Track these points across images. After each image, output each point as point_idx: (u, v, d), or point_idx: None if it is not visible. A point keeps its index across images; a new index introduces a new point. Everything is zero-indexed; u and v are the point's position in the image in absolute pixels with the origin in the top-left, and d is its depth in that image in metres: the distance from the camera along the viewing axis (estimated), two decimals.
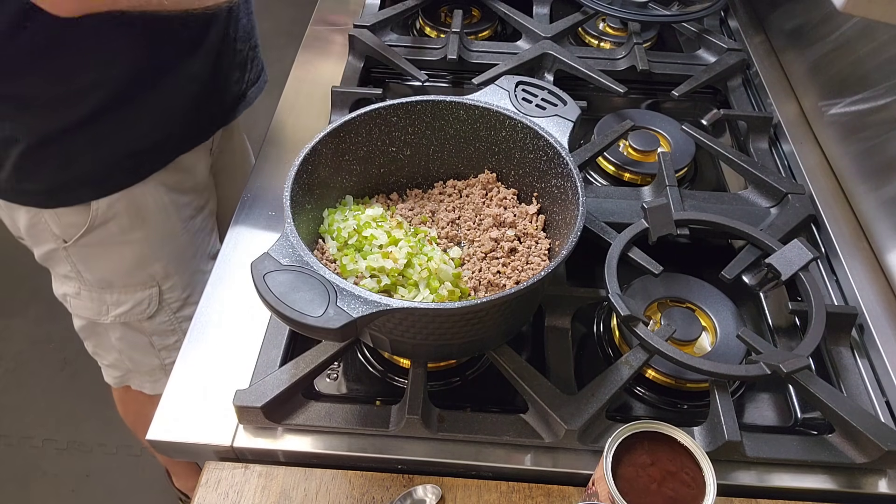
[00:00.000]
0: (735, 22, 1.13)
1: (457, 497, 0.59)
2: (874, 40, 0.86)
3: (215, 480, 0.60)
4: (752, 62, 1.03)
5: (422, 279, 0.62)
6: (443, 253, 0.66)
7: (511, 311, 0.59)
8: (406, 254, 0.62)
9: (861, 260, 0.76)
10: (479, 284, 0.64)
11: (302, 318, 0.49)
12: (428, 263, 0.62)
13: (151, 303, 0.97)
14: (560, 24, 1.04)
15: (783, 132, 0.92)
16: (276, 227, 0.77)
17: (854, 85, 0.88)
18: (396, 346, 0.61)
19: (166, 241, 0.94)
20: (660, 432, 0.51)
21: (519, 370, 0.62)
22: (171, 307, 1.00)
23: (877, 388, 0.66)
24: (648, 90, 1.01)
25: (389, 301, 0.51)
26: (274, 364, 0.64)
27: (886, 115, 0.81)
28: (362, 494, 0.59)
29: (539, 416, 0.61)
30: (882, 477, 0.60)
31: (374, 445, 0.61)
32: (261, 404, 0.59)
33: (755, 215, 0.79)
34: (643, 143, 0.88)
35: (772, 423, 0.65)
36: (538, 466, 0.60)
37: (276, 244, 0.55)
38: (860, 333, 0.71)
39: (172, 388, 0.64)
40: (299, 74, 1.00)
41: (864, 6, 0.65)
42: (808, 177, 0.85)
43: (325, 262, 0.63)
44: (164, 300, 0.98)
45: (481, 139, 0.72)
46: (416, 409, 0.59)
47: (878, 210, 0.78)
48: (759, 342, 0.63)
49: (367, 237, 0.64)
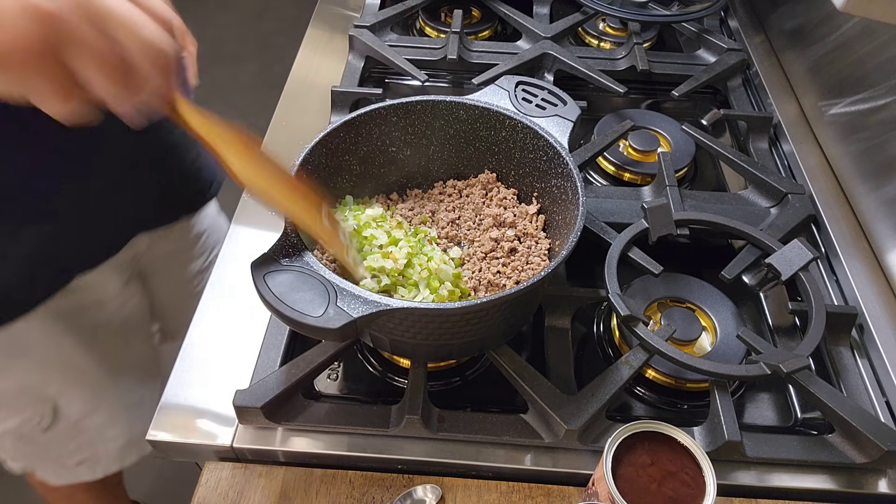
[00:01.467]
0: (735, 22, 1.13)
1: (457, 497, 0.59)
2: (874, 40, 0.86)
3: (215, 480, 0.60)
4: (752, 62, 1.03)
5: (422, 279, 0.62)
6: (443, 253, 0.66)
7: (511, 311, 0.59)
8: (406, 254, 0.62)
9: (861, 260, 0.76)
10: (479, 284, 0.64)
11: (302, 318, 0.49)
12: (428, 263, 0.62)
13: (44, 418, 0.85)
14: (560, 24, 1.04)
15: (783, 132, 0.92)
16: (276, 227, 0.76)
17: (854, 85, 0.88)
18: (396, 346, 0.61)
19: (58, 365, 0.82)
20: (660, 432, 0.51)
21: (519, 370, 0.62)
22: (70, 419, 0.87)
23: (877, 388, 0.66)
24: (648, 90, 1.01)
25: (389, 301, 0.51)
26: (274, 364, 0.64)
27: (886, 115, 0.81)
28: (362, 494, 0.59)
29: (539, 416, 0.61)
30: (882, 477, 0.60)
31: (374, 445, 0.61)
32: (261, 404, 0.59)
33: (755, 215, 0.79)
34: (643, 143, 0.88)
35: (772, 423, 0.65)
36: (538, 466, 0.60)
37: (276, 244, 0.55)
38: (860, 333, 0.71)
39: (172, 388, 0.64)
40: (299, 74, 1.00)
41: (864, 6, 0.65)
42: (808, 177, 0.85)
43: (325, 262, 0.63)
44: (62, 414, 0.86)
45: (481, 139, 0.72)
46: (416, 409, 0.59)
47: (878, 210, 0.78)
48: (759, 342, 0.63)
49: (367, 237, 0.64)
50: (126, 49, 0.41)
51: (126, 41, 0.41)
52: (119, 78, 0.41)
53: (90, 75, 0.40)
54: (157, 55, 0.42)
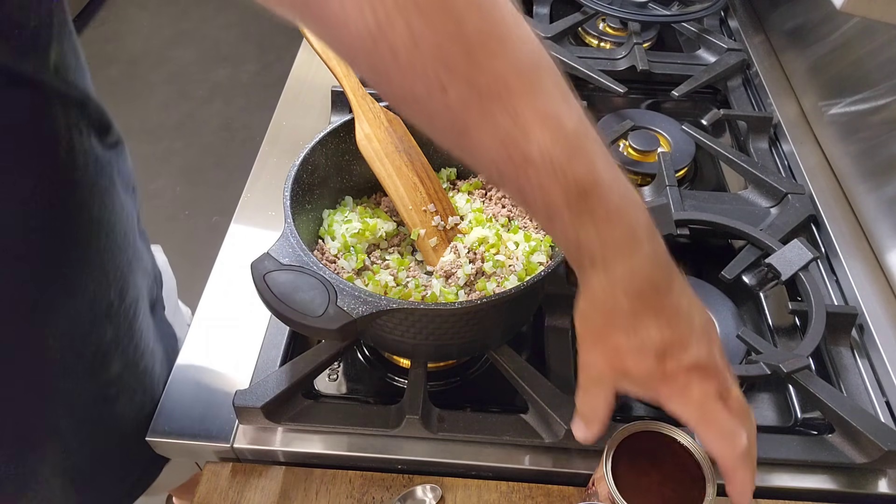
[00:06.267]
0: (735, 22, 1.13)
1: (457, 497, 0.59)
2: (874, 40, 0.86)
3: (215, 480, 0.60)
4: (752, 62, 1.03)
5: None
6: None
7: (511, 310, 0.59)
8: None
9: (861, 260, 0.76)
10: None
11: (302, 318, 0.49)
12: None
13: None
14: (560, 24, 1.04)
15: (783, 132, 0.92)
16: (276, 227, 0.76)
17: (854, 85, 0.88)
18: (396, 346, 0.61)
19: None
20: (660, 432, 0.51)
21: (519, 370, 0.62)
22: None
23: (877, 388, 0.66)
24: (648, 90, 1.01)
25: (389, 301, 0.51)
26: (274, 364, 0.64)
27: (886, 115, 0.81)
28: (362, 494, 0.59)
29: (539, 416, 0.61)
30: (882, 477, 0.60)
31: (374, 445, 0.61)
32: (261, 404, 0.59)
33: (755, 215, 0.79)
34: (643, 143, 0.88)
35: (772, 423, 0.65)
36: (538, 466, 0.60)
37: (276, 244, 0.55)
38: (860, 333, 0.71)
39: (172, 388, 0.64)
40: (299, 74, 1.00)
41: (864, 6, 0.65)
42: (808, 177, 0.85)
43: (325, 262, 0.63)
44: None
45: None
46: (416, 409, 0.59)
47: (878, 210, 0.78)
48: (759, 342, 0.63)
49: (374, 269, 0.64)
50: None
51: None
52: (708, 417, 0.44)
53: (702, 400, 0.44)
54: (743, 452, 0.44)
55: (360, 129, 0.66)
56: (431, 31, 0.36)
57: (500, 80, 0.37)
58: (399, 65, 0.37)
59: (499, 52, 0.37)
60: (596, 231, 0.40)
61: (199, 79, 2.65)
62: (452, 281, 0.62)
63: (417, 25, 0.36)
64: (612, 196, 0.40)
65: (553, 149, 0.38)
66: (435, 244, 0.64)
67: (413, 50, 0.36)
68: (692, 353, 0.43)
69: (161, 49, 2.78)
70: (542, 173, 0.38)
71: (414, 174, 0.66)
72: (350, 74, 0.69)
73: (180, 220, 2.15)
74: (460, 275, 0.61)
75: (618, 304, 0.42)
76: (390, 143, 0.66)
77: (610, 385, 0.46)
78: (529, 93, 0.38)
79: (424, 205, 0.65)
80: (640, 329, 0.42)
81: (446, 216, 0.66)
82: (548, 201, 0.39)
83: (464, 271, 0.61)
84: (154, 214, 2.12)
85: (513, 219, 0.69)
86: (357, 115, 0.67)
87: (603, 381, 0.46)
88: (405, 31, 0.36)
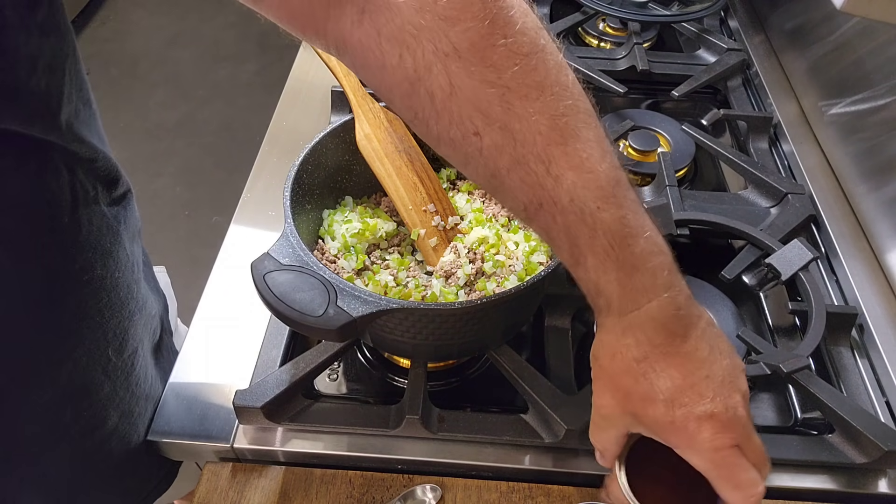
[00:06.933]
0: (735, 22, 1.13)
1: (457, 497, 0.59)
2: (874, 40, 0.86)
3: (215, 480, 0.60)
4: (752, 62, 1.03)
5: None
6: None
7: (511, 310, 0.59)
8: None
9: (861, 260, 0.76)
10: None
11: (302, 318, 0.49)
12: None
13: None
14: (560, 23, 1.04)
15: (783, 132, 0.92)
16: (276, 227, 0.76)
17: (854, 85, 0.88)
18: (396, 346, 0.61)
19: None
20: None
21: (519, 370, 0.62)
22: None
23: (877, 388, 0.66)
24: (648, 90, 1.01)
25: (389, 301, 0.51)
26: (274, 364, 0.64)
27: (886, 115, 0.81)
28: (362, 494, 0.59)
29: (539, 416, 0.61)
30: (882, 477, 0.60)
31: (374, 445, 0.61)
32: (261, 404, 0.59)
33: (755, 215, 0.79)
34: (643, 143, 0.88)
35: (772, 423, 0.65)
36: (538, 466, 0.60)
37: (276, 244, 0.55)
38: (860, 333, 0.71)
39: (172, 388, 0.64)
40: (299, 74, 1.00)
41: (864, 6, 0.65)
42: (808, 177, 0.85)
43: (325, 262, 0.63)
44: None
45: None
46: (416, 409, 0.59)
47: (878, 210, 0.78)
48: (759, 342, 0.63)
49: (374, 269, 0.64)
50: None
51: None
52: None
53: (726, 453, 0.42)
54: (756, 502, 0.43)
55: (360, 129, 0.66)
56: (469, 78, 0.36)
57: (534, 128, 0.38)
58: (436, 109, 0.37)
59: (536, 99, 0.37)
60: (616, 278, 0.41)
61: (199, 79, 2.65)
62: (452, 281, 0.62)
63: (456, 72, 0.36)
64: (637, 245, 0.40)
65: (583, 196, 0.38)
66: (435, 244, 0.64)
67: (450, 97, 0.37)
68: (706, 402, 0.42)
69: (161, 49, 2.78)
70: (569, 219, 0.39)
71: (414, 174, 0.66)
72: (350, 74, 0.69)
73: (180, 220, 2.15)
74: (460, 275, 0.61)
75: (628, 350, 0.42)
76: (390, 143, 0.66)
77: (621, 426, 0.46)
78: (564, 140, 0.38)
79: (424, 205, 0.65)
80: (649, 375, 0.42)
81: (446, 216, 0.66)
82: (573, 245, 0.40)
83: (464, 271, 0.61)
84: (154, 214, 2.12)
85: (513, 219, 0.69)
86: (357, 114, 0.67)
87: (613, 422, 0.46)
88: (444, 77, 0.36)
